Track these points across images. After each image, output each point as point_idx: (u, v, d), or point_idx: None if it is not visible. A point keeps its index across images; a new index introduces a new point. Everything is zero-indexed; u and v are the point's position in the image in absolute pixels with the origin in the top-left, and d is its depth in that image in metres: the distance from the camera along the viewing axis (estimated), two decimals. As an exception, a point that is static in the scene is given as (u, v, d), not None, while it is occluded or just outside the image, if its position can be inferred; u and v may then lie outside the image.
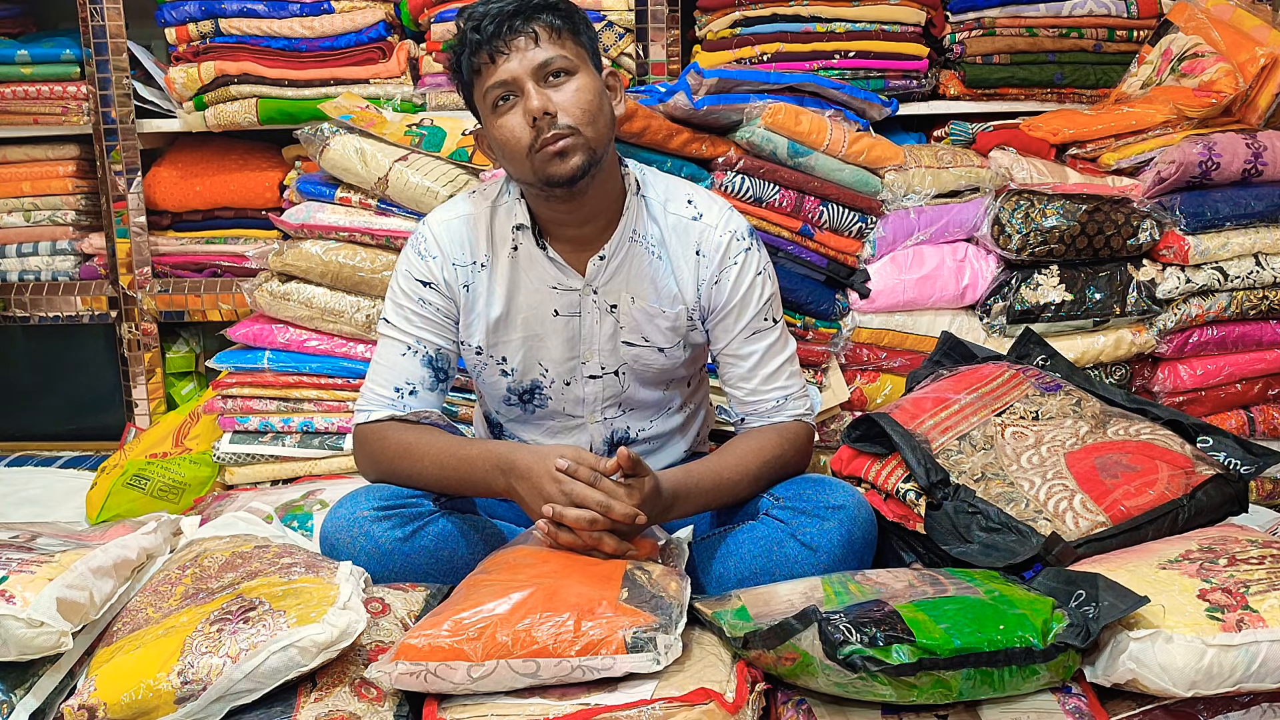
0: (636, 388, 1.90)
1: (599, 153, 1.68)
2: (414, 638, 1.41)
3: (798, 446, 1.86)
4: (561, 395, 1.89)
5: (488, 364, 1.88)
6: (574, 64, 1.67)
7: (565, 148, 1.65)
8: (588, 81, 1.68)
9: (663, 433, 1.97)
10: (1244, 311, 2.50)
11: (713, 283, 1.83)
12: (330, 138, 2.42)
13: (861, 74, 2.72)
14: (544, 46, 1.65)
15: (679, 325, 1.85)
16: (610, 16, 2.76)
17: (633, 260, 1.81)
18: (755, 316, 1.84)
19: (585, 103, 1.66)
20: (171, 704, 1.35)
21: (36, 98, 2.87)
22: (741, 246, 1.83)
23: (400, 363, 1.81)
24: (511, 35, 1.64)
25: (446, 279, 1.81)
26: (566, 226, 1.78)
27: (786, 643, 1.38)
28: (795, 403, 1.87)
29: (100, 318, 2.98)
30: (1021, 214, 2.40)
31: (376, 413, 1.80)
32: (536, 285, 1.82)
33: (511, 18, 1.64)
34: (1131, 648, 1.35)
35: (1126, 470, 1.69)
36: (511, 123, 1.67)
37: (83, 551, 1.58)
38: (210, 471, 2.56)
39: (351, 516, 1.71)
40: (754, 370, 1.85)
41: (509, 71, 1.65)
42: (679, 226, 1.82)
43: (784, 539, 1.70)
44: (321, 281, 2.45)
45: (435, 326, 1.82)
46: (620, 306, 1.83)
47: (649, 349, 1.86)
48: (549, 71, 1.66)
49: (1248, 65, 2.47)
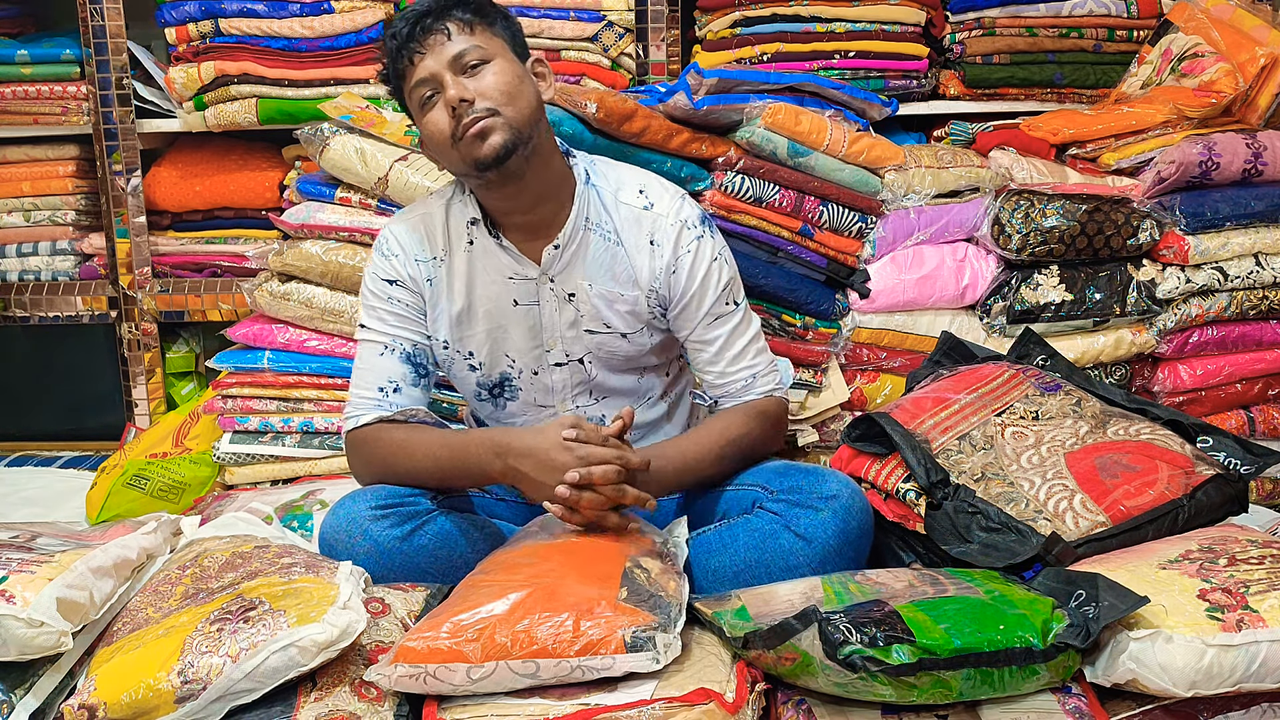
0: (606, 374, 1.92)
1: (523, 132, 1.72)
2: (413, 640, 1.41)
3: (765, 422, 1.89)
4: (531, 385, 1.92)
5: (455, 359, 1.92)
6: (489, 53, 1.73)
7: (485, 128, 1.69)
8: (504, 65, 1.74)
9: (644, 423, 1.98)
10: (1244, 311, 2.49)
11: (669, 272, 1.85)
12: (330, 138, 2.42)
13: (861, 74, 2.72)
14: (456, 40, 1.72)
15: (639, 310, 1.88)
16: (610, 16, 2.76)
17: (588, 248, 1.84)
18: (716, 302, 1.86)
19: (502, 84, 1.71)
20: (171, 703, 1.35)
21: (36, 98, 2.87)
22: (693, 235, 1.85)
23: (379, 362, 1.84)
24: (425, 35, 1.72)
25: (411, 274, 1.86)
26: (514, 214, 1.82)
27: (786, 643, 1.38)
28: (764, 379, 1.90)
29: (100, 318, 2.98)
30: (1021, 214, 2.40)
31: (365, 416, 1.82)
32: (494, 277, 1.86)
33: (423, 18, 1.72)
34: (1131, 648, 1.35)
35: (1126, 470, 1.69)
36: (435, 117, 1.73)
37: (83, 551, 1.58)
38: (210, 471, 2.56)
39: (350, 516, 1.72)
40: (720, 354, 1.88)
41: (427, 69, 1.72)
42: (631, 216, 1.85)
43: (778, 530, 1.71)
44: (321, 281, 2.45)
45: (408, 322, 1.86)
46: (578, 295, 1.86)
47: (611, 335, 1.88)
48: (465, 63, 1.72)
49: (1248, 65, 2.47)
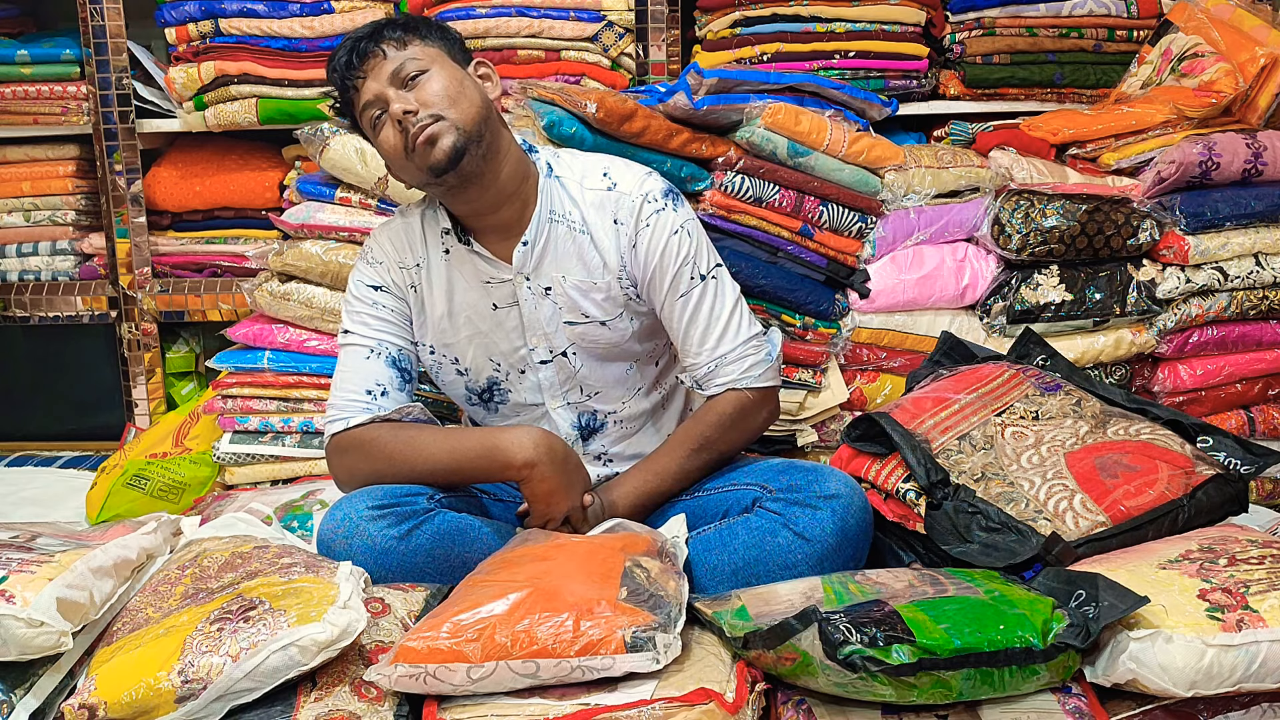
0: (592, 365, 1.92)
1: (471, 132, 1.74)
2: (413, 640, 1.41)
3: (724, 424, 1.88)
4: (519, 386, 1.94)
5: (442, 364, 1.94)
6: (425, 63, 1.77)
7: (432, 134, 1.72)
8: (443, 72, 1.77)
9: (636, 414, 1.98)
10: (1244, 311, 2.49)
11: (631, 247, 1.85)
12: (330, 138, 2.42)
13: (861, 74, 2.72)
14: (393, 57, 1.76)
15: (614, 295, 1.88)
16: (610, 16, 2.76)
17: (556, 240, 1.85)
18: (677, 275, 1.85)
19: (442, 90, 1.74)
20: (172, 703, 1.35)
21: (36, 98, 2.87)
22: (654, 208, 1.84)
23: (365, 366, 1.85)
24: (362, 60, 1.76)
25: (395, 281, 1.89)
26: (481, 217, 1.84)
27: (786, 643, 1.38)
28: (729, 367, 1.87)
29: (100, 318, 2.98)
30: (1021, 214, 2.40)
31: (355, 418, 1.81)
32: (471, 283, 1.87)
33: (359, 43, 1.77)
34: (1131, 648, 1.35)
35: (1126, 470, 1.69)
36: (387, 134, 1.77)
37: (83, 551, 1.58)
38: (210, 471, 2.56)
39: (348, 517, 1.72)
40: (686, 333, 1.87)
41: (371, 90, 1.76)
42: (596, 200, 1.86)
43: (777, 529, 1.72)
44: (321, 281, 2.45)
45: (392, 327, 1.88)
46: (554, 288, 1.87)
47: (591, 324, 1.89)
48: (404, 77, 1.75)
49: (1248, 65, 2.47)
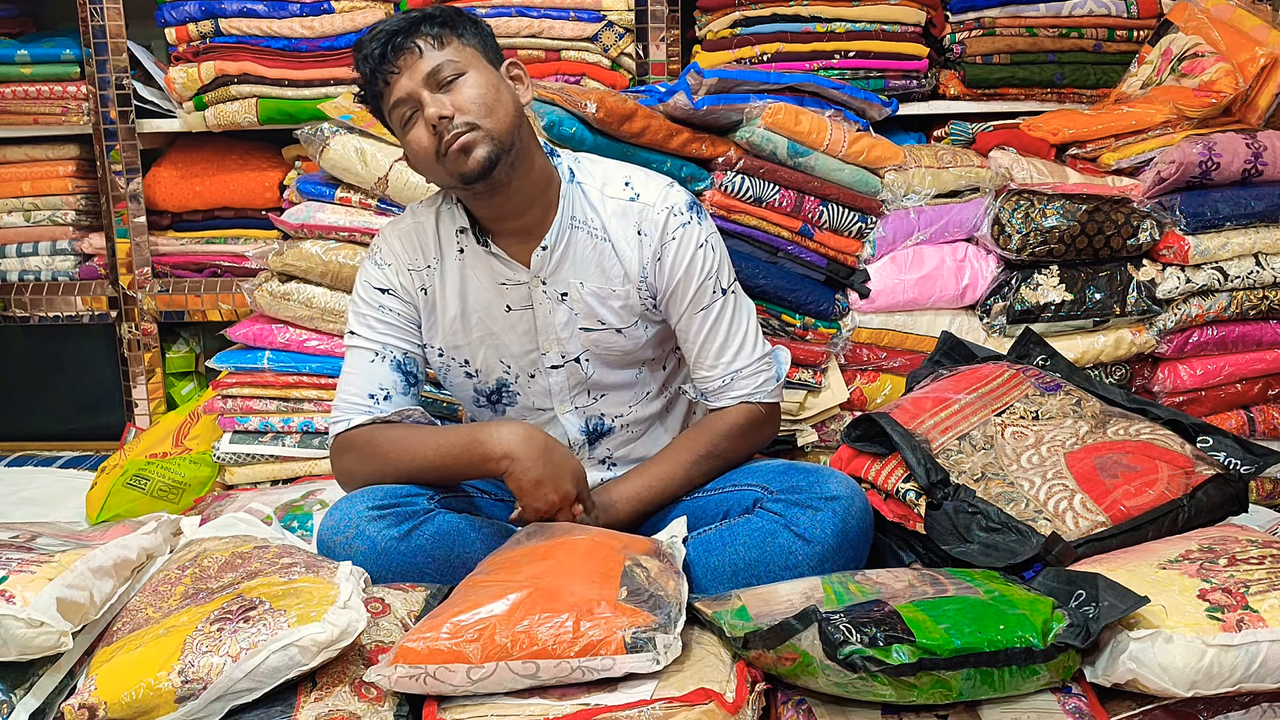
0: (604, 371, 1.92)
1: (505, 141, 1.72)
2: (413, 640, 1.41)
3: (734, 434, 1.89)
4: (528, 389, 1.92)
5: (451, 366, 1.92)
6: (462, 65, 1.73)
7: (467, 143, 1.70)
8: (480, 77, 1.73)
9: (642, 419, 1.98)
10: (1244, 311, 2.49)
11: (655, 259, 1.85)
12: (330, 138, 2.42)
13: (861, 74, 2.72)
14: (429, 56, 1.72)
15: (632, 304, 1.87)
16: (610, 16, 2.76)
17: (576, 246, 1.84)
18: (699, 290, 1.85)
19: (479, 97, 1.71)
20: (172, 703, 1.35)
21: (36, 98, 2.87)
22: (679, 221, 1.84)
23: (370, 369, 1.84)
24: (396, 55, 1.71)
25: (404, 284, 1.87)
26: (503, 220, 1.82)
27: (786, 643, 1.38)
28: (743, 381, 1.89)
29: (100, 318, 2.98)
30: (1021, 214, 2.40)
31: (357, 419, 1.82)
32: (485, 284, 1.86)
33: (393, 37, 1.72)
34: (1131, 648, 1.35)
35: (1126, 470, 1.69)
36: (418, 135, 1.73)
37: (83, 551, 1.58)
38: (210, 471, 2.56)
39: (348, 517, 1.72)
40: (703, 348, 1.88)
41: (403, 89, 1.72)
42: (618, 210, 1.85)
43: (778, 530, 1.71)
44: (321, 281, 2.45)
45: (399, 331, 1.87)
46: (571, 294, 1.86)
47: (607, 331, 1.88)
48: (440, 78, 1.72)
49: (1248, 65, 2.47)
